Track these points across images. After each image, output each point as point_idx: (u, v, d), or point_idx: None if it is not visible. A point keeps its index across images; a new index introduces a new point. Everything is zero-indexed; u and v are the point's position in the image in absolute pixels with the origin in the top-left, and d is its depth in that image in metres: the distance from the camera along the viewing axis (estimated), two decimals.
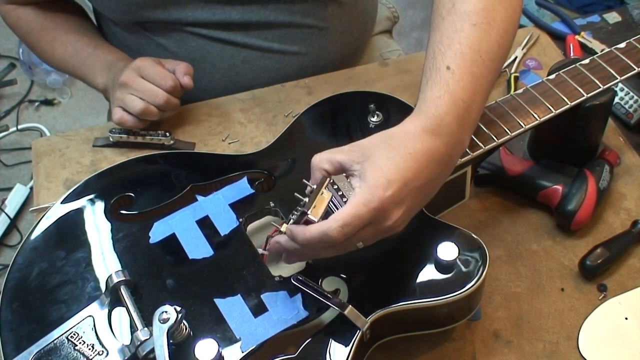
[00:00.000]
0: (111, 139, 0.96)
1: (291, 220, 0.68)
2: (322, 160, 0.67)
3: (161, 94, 0.91)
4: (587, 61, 0.84)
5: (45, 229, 0.78)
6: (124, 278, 0.70)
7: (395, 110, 0.88)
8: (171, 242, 0.76)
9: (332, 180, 0.69)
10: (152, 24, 1.01)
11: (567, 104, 0.80)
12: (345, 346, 0.68)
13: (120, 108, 0.93)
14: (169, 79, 0.92)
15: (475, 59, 0.69)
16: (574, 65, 0.84)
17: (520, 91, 0.83)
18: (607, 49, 0.86)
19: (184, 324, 0.67)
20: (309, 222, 0.65)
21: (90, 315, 0.70)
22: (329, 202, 0.66)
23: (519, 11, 0.75)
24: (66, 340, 0.68)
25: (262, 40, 1.02)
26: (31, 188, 1.93)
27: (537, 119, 0.79)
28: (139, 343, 0.65)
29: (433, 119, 0.66)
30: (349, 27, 1.08)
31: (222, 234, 0.76)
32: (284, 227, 0.68)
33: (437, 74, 0.69)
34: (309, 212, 0.64)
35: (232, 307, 0.70)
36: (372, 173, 0.63)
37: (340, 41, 1.08)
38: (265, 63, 1.05)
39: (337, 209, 0.66)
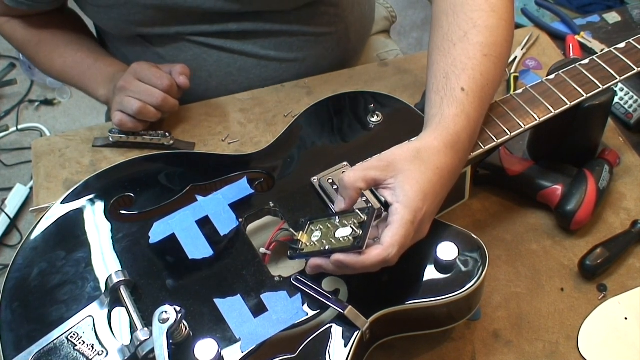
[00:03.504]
0: (111, 139, 0.96)
1: (317, 240, 0.70)
2: (357, 179, 0.68)
3: (158, 93, 0.92)
4: (586, 61, 0.84)
5: (45, 229, 0.78)
6: (123, 278, 0.70)
7: (395, 110, 0.88)
8: (171, 242, 0.76)
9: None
10: (148, 35, 1.02)
11: (567, 104, 0.80)
12: (345, 346, 0.68)
13: (120, 111, 0.93)
14: (165, 79, 0.93)
15: (484, 85, 0.75)
16: (573, 66, 0.84)
17: (519, 91, 0.83)
18: (607, 49, 0.86)
19: (183, 324, 0.67)
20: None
21: (90, 315, 0.70)
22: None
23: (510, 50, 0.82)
24: (66, 340, 0.68)
25: (259, 48, 1.02)
26: (31, 188, 1.93)
27: (536, 119, 0.79)
28: (138, 343, 0.65)
29: (453, 135, 0.72)
30: (345, 33, 1.08)
31: (221, 234, 0.76)
32: (305, 239, 0.70)
33: (453, 94, 0.74)
34: (364, 247, 0.65)
35: (232, 307, 0.70)
36: (411, 187, 0.67)
37: (337, 47, 1.08)
38: (262, 71, 1.05)
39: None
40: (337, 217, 0.70)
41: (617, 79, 0.82)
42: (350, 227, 0.67)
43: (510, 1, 0.81)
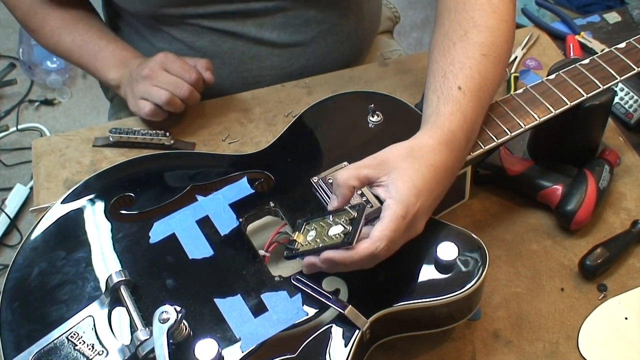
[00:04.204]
0: (111, 139, 0.96)
1: (312, 239, 0.70)
2: (350, 177, 0.69)
3: (186, 86, 0.92)
4: (587, 61, 0.84)
5: (45, 229, 0.78)
6: (123, 278, 0.70)
7: (394, 110, 0.88)
8: (171, 242, 0.76)
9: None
10: (167, 17, 1.01)
11: (567, 104, 0.80)
12: (345, 346, 0.68)
13: (145, 100, 0.93)
14: (193, 72, 0.93)
15: (482, 84, 0.75)
16: (573, 65, 0.84)
17: (520, 91, 0.83)
18: (607, 49, 0.86)
19: (184, 323, 0.67)
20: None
21: (90, 315, 0.70)
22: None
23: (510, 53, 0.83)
24: (66, 340, 0.68)
25: (275, 36, 1.02)
26: (31, 188, 1.93)
27: (536, 119, 0.79)
28: (139, 343, 0.65)
29: (448, 133, 0.72)
30: (355, 28, 1.09)
31: (222, 234, 0.76)
32: (301, 239, 0.70)
33: (450, 93, 0.74)
34: (354, 242, 0.65)
35: (232, 307, 0.70)
36: (404, 183, 0.67)
37: (347, 42, 1.09)
38: (274, 60, 1.05)
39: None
40: (330, 216, 0.70)
41: (617, 78, 0.82)
42: (341, 224, 0.68)
43: (512, 3, 0.81)
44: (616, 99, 1.01)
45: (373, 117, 0.87)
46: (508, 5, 0.80)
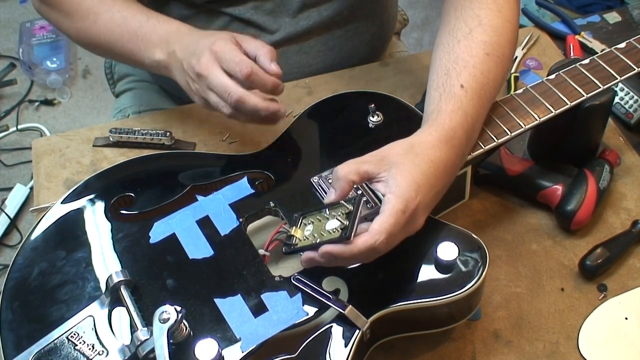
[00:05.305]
0: (111, 139, 0.96)
1: (310, 234, 0.70)
2: (350, 172, 0.69)
3: (234, 91, 0.77)
4: (587, 61, 0.84)
5: (46, 229, 0.78)
6: (124, 278, 0.70)
7: (394, 111, 0.88)
8: (171, 242, 0.76)
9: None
10: (205, 7, 0.98)
11: (567, 104, 0.80)
12: (345, 346, 0.68)
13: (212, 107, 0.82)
14: (244, 66, 0.76)
15: (485, 83, 0.76)
16: (574, 66, 0.84)
17: (520, 91, 0.83)
18: (607, 49, 0.86)
19: (184, 323, 0.67)
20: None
21: (90, 315, 0.70)
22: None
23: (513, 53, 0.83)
24: (66, 340, 0.68)
25: (307, 32, 1.01)
26: (31, 188, 1.93)
27: (537, 119, 0.79)
28: (139, 343, 0.65)
29: (448, 130, 0.72)
30: (378, 30, 1.09)
31: (222, 234, 0.76)
32: (299, 234, 0.70)
33: (452, 90, 0.74)
34: (352, 237, 0.65)
35: (232, 307, 0.70)
36: (403, 178, 0.67)
37: (370, 43, 1.09)
38: (301, 58, 1.04)
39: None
40: (326, 209, 0.70)
41: (617, 79, 0.82)
42: (338, 219, 0.68)
43: (516, 4, 0.82)
44: (616, 99, 1.01)
45: (373, 117, 0.87)
46: (513, 6, 0.81)
